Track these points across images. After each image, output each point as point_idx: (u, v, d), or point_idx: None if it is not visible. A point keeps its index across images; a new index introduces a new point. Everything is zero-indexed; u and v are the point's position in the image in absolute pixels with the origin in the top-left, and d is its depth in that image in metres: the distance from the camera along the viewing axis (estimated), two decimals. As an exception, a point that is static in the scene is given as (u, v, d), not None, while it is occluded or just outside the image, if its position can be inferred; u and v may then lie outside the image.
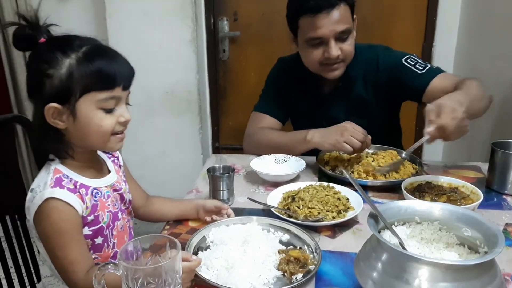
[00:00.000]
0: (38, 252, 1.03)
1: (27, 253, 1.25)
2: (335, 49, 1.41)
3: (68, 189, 0.89)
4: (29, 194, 0.90)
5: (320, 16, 1.36)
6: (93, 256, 0.96)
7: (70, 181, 0.91)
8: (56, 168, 0.91)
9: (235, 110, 2.63)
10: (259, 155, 1.45)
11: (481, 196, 1.09)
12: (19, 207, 1.24)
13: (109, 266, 0.73)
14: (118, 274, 0.71)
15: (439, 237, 0.82)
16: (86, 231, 0.93)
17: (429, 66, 1.47)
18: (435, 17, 2.30)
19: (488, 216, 1.12)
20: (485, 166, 1.36)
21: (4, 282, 1.17)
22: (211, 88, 2.58)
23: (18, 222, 1.23)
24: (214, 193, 1.20)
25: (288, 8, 1.48)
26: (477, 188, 1.13)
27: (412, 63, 1.48)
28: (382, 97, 1.56)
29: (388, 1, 2.33)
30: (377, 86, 1.54)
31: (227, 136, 2.71)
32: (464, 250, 0.79)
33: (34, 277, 1.27)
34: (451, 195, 1.12)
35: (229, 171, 1.22)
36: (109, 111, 0.90)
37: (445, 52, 2.33)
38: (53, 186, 0.88)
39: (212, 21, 2.46)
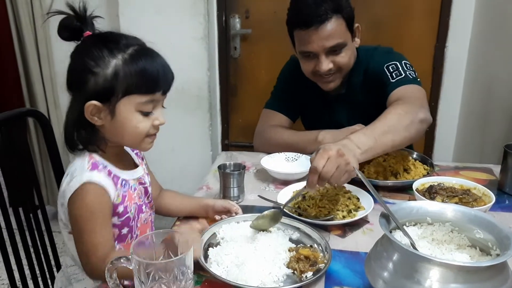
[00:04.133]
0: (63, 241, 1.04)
1: (39, 245, 1.26)
2: (325, 64, 1.40)
3: (104, 174, 0.92)
4: (66, 178, 0.91)
5: (309, 31, 1.36)
6: (117, 246, 0.98)
7: (105, 168, 0.93)
8: (91, 155, 0.93)
9: (245, 108, 2.63)
10: (269, 153, 1.46)
11: (493, 198, 1.09)
12: (31, 200, 1.26)
13: (122, 260, 0.74)
14: (131, 267, 0.72)
15: (451, 238, 0.82)
16: (116, 220, 0.95)
17: (403, 75, 1.42)
18: (448, 17, 2.28)
19: (500, 218, 1.12)
20: (497, 168, 1.35)
21: (16, 274, 1.19)
22: (222, 85, 2.58)
23: (31, 215, 1.25)
24: (224, 190, 1.21)
25: (286, 20, 1.48)
26: (489, 190, 1.13)
27: (392, 70, 1.44)
28: (377, 99, 1.50)
29: (401, 1, 2.31)
30: (370, 88, 1.51)
31: (236, 134, 2.71)
32: (476, 252, 0.79)
33: (45, 268, 1.28)
34: (463, 197, 1.12)
35: (240, 168, 1.22)
36: (146, 114, 0.92)
37: (458, 53, 2.30)
38: (91, 169, 0.90)
39: (224, 18, 2.46)
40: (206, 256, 0.94)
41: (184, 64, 2.45)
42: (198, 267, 0.87)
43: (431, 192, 1.14)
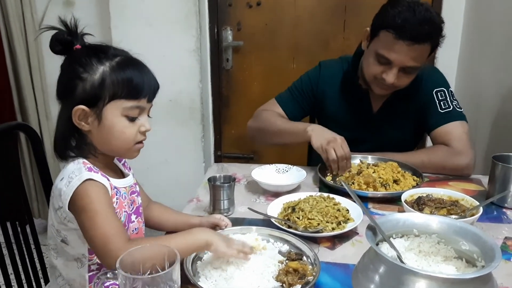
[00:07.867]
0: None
1: (27, 259, 1.25)
2: (392, 77, 1.40)
3: (101, 176, 0.92)
4: (63, 181, 0.90)
5: (401, 42, 1.33)
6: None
7: (98, 172, 0.93)
8: (84, 161, 0.93)
9: (237, 119, 2.65)
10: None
11: (480, 210, 1.09)
12: (20, 214, 1.26)
13: (108, 275, 0.73)
14: (117, 282, 0.72)
15: (437, 250, 0.82)
16: None
17: (451, 108, 1.52)
18: (438, 29, 2.30)
19: (487, 229, 1.12)
20: (485, 179, 1.36)
21: (4, 288, 1.18)
22: (214, 96, 2.60)
23: (19, 228, 1.24)
24: (214, 203, 1.21)
25: (381, 11, 1.42)
26: (476, 202, 1.13)
27: (440, 98, 1.53)
28: (415, 110, 1.59)
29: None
30: (417, 102, 1.57)
31: (229, 145, 2.72)
32: (462, 264, 0.79)
33: (34, 284, 1.27)
34: (451, 208, 1.12)
35: (230, 180, 1.22)
36: (132, 119, 0.95)
37: (447, 63, 2.33)
38: (88, 171, 0.91)
39: (216, 30, 2.48)
40: (194, 270, 0.93)
41: (177, 76, 2.46)
42: (186, 281, 0.86)
43: (419, 204, 1.15)
